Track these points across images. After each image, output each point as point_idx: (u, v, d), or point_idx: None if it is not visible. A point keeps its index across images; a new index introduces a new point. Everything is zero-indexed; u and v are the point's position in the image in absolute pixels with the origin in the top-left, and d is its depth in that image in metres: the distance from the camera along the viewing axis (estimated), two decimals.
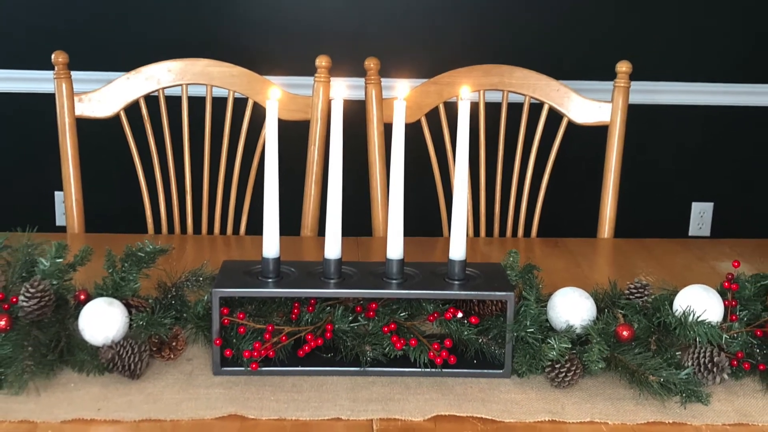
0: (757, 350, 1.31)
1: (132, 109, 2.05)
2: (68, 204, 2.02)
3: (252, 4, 3.07)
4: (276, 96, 1.31)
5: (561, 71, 3.07)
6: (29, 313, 1.27)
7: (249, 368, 1.26)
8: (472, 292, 1.29)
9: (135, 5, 3.05)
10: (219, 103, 2.08)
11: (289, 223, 1.95)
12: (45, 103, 3.10)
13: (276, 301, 1.35)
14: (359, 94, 2.07)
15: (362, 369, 1.28)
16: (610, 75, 2.09)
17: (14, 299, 1.29)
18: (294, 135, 2.12)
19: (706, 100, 3.22)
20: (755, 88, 3.22)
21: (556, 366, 1.25)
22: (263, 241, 1.30)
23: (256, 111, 1.99)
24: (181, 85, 2.06)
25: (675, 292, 1.36)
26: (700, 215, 3.36)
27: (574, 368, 1.25)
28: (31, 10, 3.04)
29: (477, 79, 2.10)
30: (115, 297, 1.33)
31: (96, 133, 2.21)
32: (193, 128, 2.07)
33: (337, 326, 1.29)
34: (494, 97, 2.11)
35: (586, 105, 2.08)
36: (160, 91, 2.05)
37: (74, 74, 2.02)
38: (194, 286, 1.40)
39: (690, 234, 3.38)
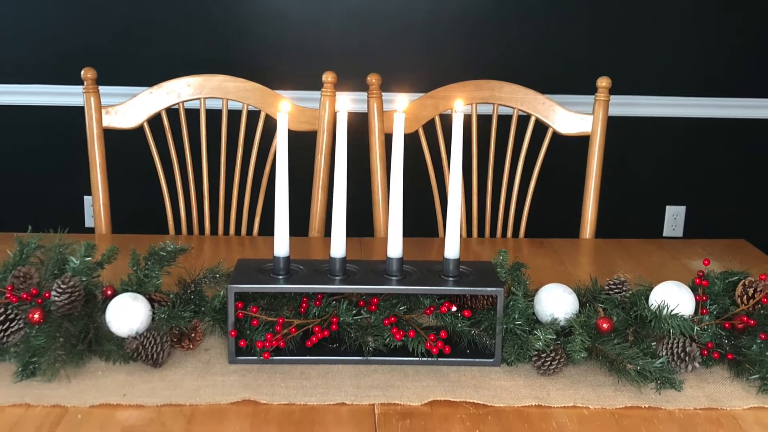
0: (726, 341, 1.31)
1: (154, 121, 2.05)
2: (96, 207, 2.02)
3: (264, 24, 3.08)
4: (286, 109, 1.32)
5: (547, 86, 3.06)
6: (60, 307, 1.27)
7: (261, 357, 1.26)
8: (465, 288, 1.30)
9: (157, 26, 3.05)
10: (234, 115, 2.08)
11: (298, 225, 1.95)
12: (75, 115, 3.10)
13: (286, 296, 1.35)
14: (362, 107, 2.07)
15: (365, 358, 1.28)
16: (592, 89, 2.09)
17: (47, 294, 1.29)
18: (302, 144, 2.12)
19: (680, 112, 3.23)
20: (724, 101, 3.22)
21: (542, 355, 1.25)
22: (274, 241, 1.30)
23: (267, 122, 1.99)
24: (199, 98, 2.06)
25: (650, 288, 1.36)
26: (674, 218, 3.36)
27: (558, 357, 1.25)
28: (62, 30, 3.04)
29: (470, 93, 2.10)
30: (139, 292, 1.33)
31: (122, 143, 2.21)
32: (210, 138, 2.08)
33: (341, 319, 1.30)
34: (485, 109, 2.12)
35: (570, 117, 2.08)
36: (180, 104, 2.06)
37: (102, 89, 2.02)
38: (211, 282, 1.41)
39: (664, 235, 3.37)
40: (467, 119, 2.57)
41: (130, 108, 2.03)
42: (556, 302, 1.31)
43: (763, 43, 3.18)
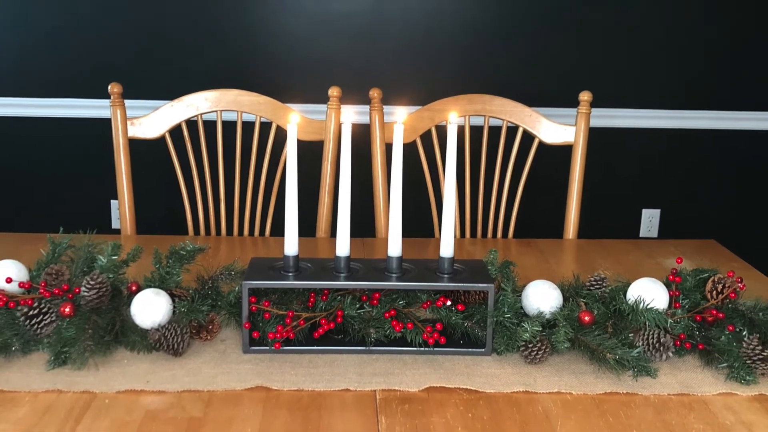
0: (697, 332, 1.31)
1: (175, 132, 2.06)
2: (122, 210, 2.02)
3: (275, 43, 3.08)
4: (295, 120, 1.32)
5: (533, 100, 3.06)
6: (89, 301, 1.28)
7: (273, 347, 1.26)
8: (459, 284, 1.30)
9: (177, 45, 3.05)
10: (248, 126, 2.08)
11: (306, 227, 1.95)
12: (103, 126, 3.10)
13: (295, 292, 1.35)
14: (365, 119, 2.08)
15: (367, 348, 1.28)
16: (574, 103, 2.09)
17: (77, 290, 1.29)
18: (310, 153, 2.12)
19: (654, 124, 3.23)
20: (695, 114, 3.22)
21: (529, 346, 1.25)
22: (285, 241, 1.30)
23: (278, 133, 2.00)
24: (216, 111, 2.06)
25: (628, 284, 1.36)
26: (649, 220, 3.36)
27: (544, 347, 1.25)
28: (91, 49, 3.04)
29: (463, 106, 2.10)
30: (161, 288, 1.33)
31: (145, 152, 2.21)
32: (226, 147, 2.08)
33: (346, 312, 1.30)
34: (477, 121, 2.12)
35: (554, 128, 2.09)
36: (199, 116, 2.06)
37: (127, 102, 2.03)
38: (227, 279, 1.41)
39: (641, 235, 3.37)
40: (461, 130, 2.57)
41: (152, 120, 2.04)
42: (541, 297, 1.31)
43: (729, 62, 3.18)
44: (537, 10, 3.08)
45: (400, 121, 1.31)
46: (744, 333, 1.30)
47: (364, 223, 2.21)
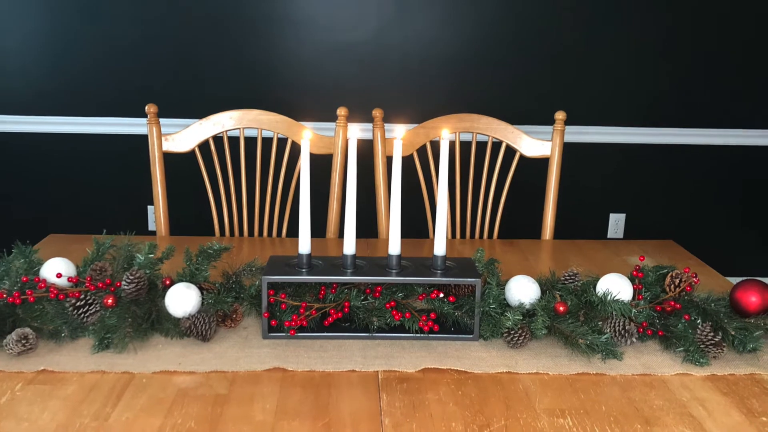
0: (657, 321, 1.31)
1: (203, 146, 2.06)
2: (157, 214, 2.02)
3: (291, 70, 3.08)
4: (308, 136, 1.32)
5: (515, 118, 3.08)
6: (129, 294, 1.28)
7: (288, 334, 1.26)
8: (450, 279, 1.30)
9: (206, 70, 3.06)
10: (267, 141, 2.09)
11: (317, 229, 1.96)
12: (140, 142, 3.12)
13: (308, 285, 1.35)
14: (368, 135, 2.08)
15: (370, 335, 1.28)
16: (550, 121, 2.10)
17: (118, 284, 1.29)
18: (321, 165, 2.12)
19: (620, 139, 3.23)
20: (654, 131, 3.22)
21: (512, 332, 1.25)
22: (299, 242, 1.30)
23: (293, 147, 2.00)
24: (239, 128, 2.07)
25: (597, 279, 1.36)
26: (616, 223, 3.36)
27: (524, 334, 1.25)
28: (132, 74, 3.05)
29: (454, 124, 2.10)
30: (191, 282, 1.33)
31: (177, 164, 2.21)
32: (247, 160, 2.08)
33: (352, 303, 1.30)
34: (466, 137, 2.12)
35: (533, 143, 2.09)
36: (224, 133, 2.06)
37: (162, 120, 2.03)
38: (249, 274, 1.41)
39: (608, 236, 3.37)
40: (452, 145, 2.57)
41: (184, 136, 2.04)
42: (522, 290, 1.31)
43: (682, 88, 3.18)
44: (518, 40, 3.09)
45: (399, 137, 1.31)
46: (698, 321, 1.30)
47: (368, 226, 2.21)
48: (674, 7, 3.09)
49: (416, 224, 2.38)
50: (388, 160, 2.05)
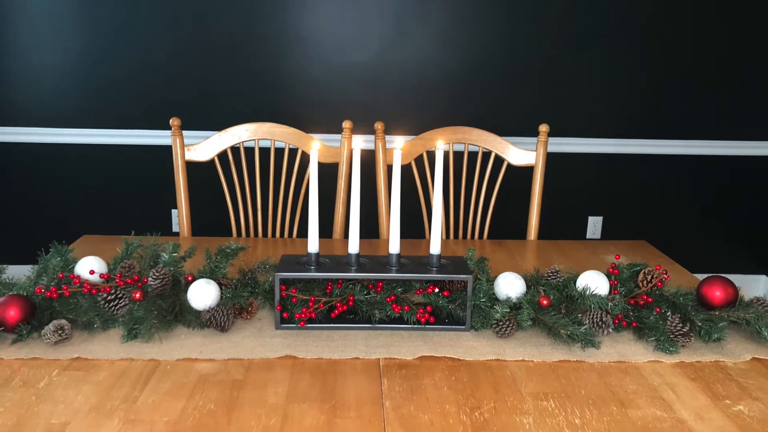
0: (631, 313, 1.31)
1: (222, 156, 2.07)
2: (180, 217, 2.03)
3: (301, 86, 3.09)
4: (316, 147, 1.32)
5: (503, 130, 3.08)
6: (155, 289, 1.28)
7: (299, 325, 1.26)
8: (445, 275, 1.30)
9: (225, 87, 3.06)
10: (279, 151, 2.09)
11: (325, 230, 1.97)
12: (165, 152, 3.12)
13: (317, 281, 1.35)
14: (371, 146, 2.09)
15: (373, 326, 1.29)
16: (535, 133, 2.10)
17: (145, 280, 1.30)
18: (328, 172, 2.12)
19: (598, 149, 3.23)
20: (629, 141, 3.22)
21: (500, 323, 1.25)
22: (308, 242, 1.30)
23: (303, 157, 2.01)
24: (254, 140, 2.07)
25: (577, 275, 1.36)
26: (594, 225, 3.36)
27: (511, 325, 1.25)
28: (157, 89, 3.05)
29: (448, 136, 2.11)
30: (211, 278, 1.33)
31: (198, 171, 2.22)
32: (262, 168, 2.08)
33: (356, 297, 1.30)
34: (459, 147, 2.13)
35: (520, 153, 2.09)
36: (241, 143, 2.06)
37: (184, 132, 2.04)
38: (263, 271, 1.41)
39: (587, 237, 3.37)
40: (446, 154, 2.57)
41: (204, 146, 2.04)
42: (509, 285, 1.31)
43: (655, 103, 3.19)
44: (506, 59, 3.09)
45: (399, 147, 1.31)
46: (668, 314, 1.30)
47: (370, 227, 2.21)
48: (648, 32, 3.10)
49: (414, 226, 2.38)
50: (389, 169, 2.05)
